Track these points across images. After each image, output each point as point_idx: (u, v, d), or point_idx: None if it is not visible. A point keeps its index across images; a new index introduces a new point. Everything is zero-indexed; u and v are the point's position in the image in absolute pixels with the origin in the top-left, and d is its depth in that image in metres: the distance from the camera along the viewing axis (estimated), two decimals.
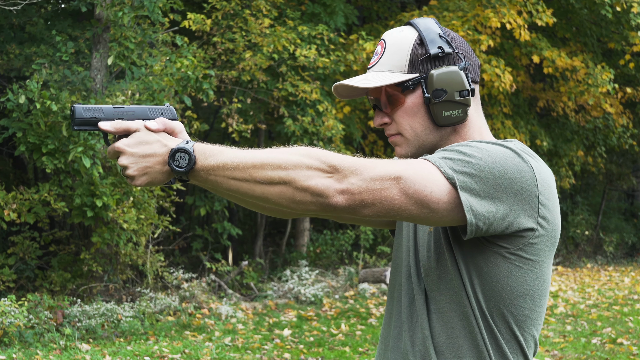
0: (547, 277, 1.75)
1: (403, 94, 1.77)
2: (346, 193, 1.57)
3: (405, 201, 1.59)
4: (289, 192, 1.57)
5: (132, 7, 8.72)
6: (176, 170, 1.60)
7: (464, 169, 1.61)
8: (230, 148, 1.61)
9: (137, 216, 8.94)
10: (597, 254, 17.63)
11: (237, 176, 1.58)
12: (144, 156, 1.63)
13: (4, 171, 11.27)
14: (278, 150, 1.60)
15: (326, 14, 11.72)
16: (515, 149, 1.68)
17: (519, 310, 1.72)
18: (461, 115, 1.75)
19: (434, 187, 1.60)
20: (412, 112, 1.77)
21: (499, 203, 1.63)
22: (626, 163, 19.62)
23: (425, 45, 1.76)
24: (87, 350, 7.41)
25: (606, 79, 12.81)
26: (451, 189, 1.61)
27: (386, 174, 1.58)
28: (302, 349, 7.87)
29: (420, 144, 1.78)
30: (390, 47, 1.79)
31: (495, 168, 1.62)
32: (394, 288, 1.89)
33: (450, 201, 1.61)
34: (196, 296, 9.55)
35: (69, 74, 8.74)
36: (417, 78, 1.75)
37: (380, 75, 1.77)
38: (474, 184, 1.61)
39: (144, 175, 1.63)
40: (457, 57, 1.77)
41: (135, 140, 1.64)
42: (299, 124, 10.65)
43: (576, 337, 8.62)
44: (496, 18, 11.14)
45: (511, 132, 13.41)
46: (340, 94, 1.83)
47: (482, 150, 1.64)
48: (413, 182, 1.58)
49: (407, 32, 1.79)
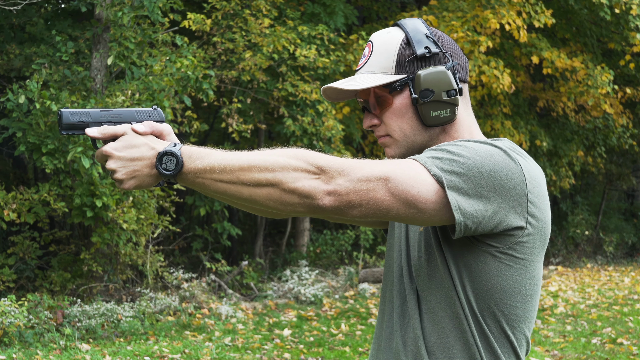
0: (537, 275, 1.75)
1: (391, 95, 1.77)
2: (333, 194, 1.57)
3: (393, 202, 1.59)
4: (276, 194, 1.57)
5: (132, 7, 8.72)
6: (164, 174, 1.61)
7: (452, 167, 1.61)
8: (218, 150, 1.62)
9: (137, 216, 8.94)
10: (597, 254, 17.63)
11: (225, 179, 1.58)
12: (132, 159, 1.63)
13: (4, 171, 11.27)
14: (266, 152, 1.60)
15: (326, 14, 11.72)
16: (503, 148, 1.67)
17: (510, 309, 1.72)
18: (449, 115, 1.75)
19: (422, 187, 1.60)
20: (401, 113, 1.77)
21: (487, 202, 1.62)
22: (626, 163, 19.62)
23: (412, 45, 1.76)
24: (87, 350, 7.41)
25: (606, 80, 12.81)
26: (439, 189, 1.61)
27: (373, 174, 1.58)
28: (302, 349, 7.87)
29: (410, 145, 1.79)
30: (378, 48, 1.79)
31: (483, 167, 1.62)
32: (386, 288, 1.89)
33: (438, 201, 1.61)
34: (196, 296, 9.55)
35: (69, 74, 8.74)
36: (404, 79, 1.75)
37: (368, 77, 1.77)
38: (462, 182, 1.61)
39: (132, 178, 1.63)
40: (444, 57, 1.77)
41: (122, 143, 1.64)
42: (298, 124, 10.65)
43: (576, 337, 8.62)
44: (495, 19, 11.14)
45: (511, 133, 13.41)
46: (329, 97, 1.84)
47: (470, 149, 1.64)
48: (400, 183, 1.59)
49: (394, 33, 1.79)
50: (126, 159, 1.63)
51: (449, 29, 11.27)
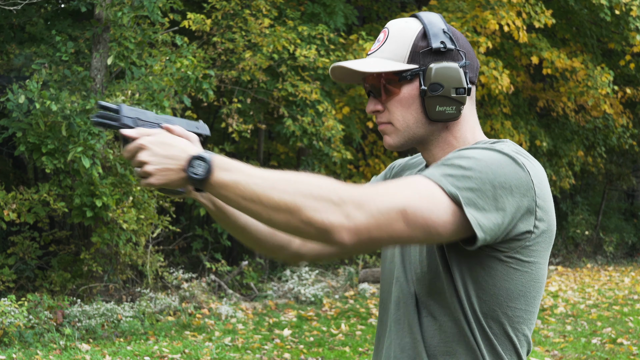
0: (542, 277, 1.74)
1: (400, 84, 1.76)
2: (352, 231, 1.55)
3: (413, 232, 1.58)
4: (294, 221, 1.56)
5: (131, 7, 8.72)
6: (192, 177, 1.60)
7: (466, 184, 1.60)
8: (249, 167, 1.60)
9: (137, 216, 8.93)
10: (597, 254, 17.63)
11: (247, 197, 1.57)
12: (166, 157, 1.63)
13: (4, 171, 11.27)
14: (291, 176, 1.58)
15: (326, 14, 11.71)
16: (510, 154, 1.66)
17: (514, 312, 1.71)
18: (454, 112, 1.74)
19: (440, 211, 1.58)
20: (407, 103, 1.76)
21: (503, 214, 1.62)
22: (626, 163, 19.63)
23: (428, 38, 1.75)
24: (87, 350, 7.41)
25: (605, 81, 12.81)
26: (456, 208, 1.60)
27: (392, 206, 1.56)
28: (302, 349, 7.87)
29: (410, 136, 1.78)
30: (393, 35, 1.78)
31: (495, 179, 1.62)
32: (383, 294, 1.89)
33: (456, 220, 1.60)
34: (196, 296, 9.55)
35: (69, 74, 8.74)
36: (416, 69, 1.74)
37: (380, 62, 1.76)
38: (478, 198, 1.60)
39: (161, 174, 1.63)
40: (458, 55, 1.76)
41: (159, 139, 1.65)
42: (298, 124, 10.65)
43: (576, 337, 8.62)
44: (495, 20, 11.14)
45: (511, 133, 13.41)
46: (336, 76, 1.82)
47: (480, 160, 1.63)
48: (420, 211, 1.57)
49: (412, 24, 1.79)
50: (161, 155, 1.63)
51: None
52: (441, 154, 1.79)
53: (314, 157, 11.45)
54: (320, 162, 11.51)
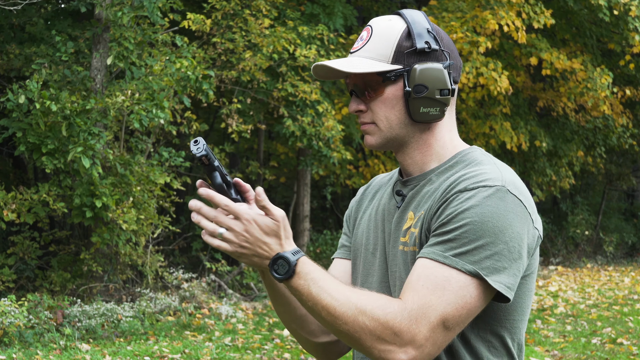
0: (533, 285, 1.76)
1: (384, 84, 1.73)
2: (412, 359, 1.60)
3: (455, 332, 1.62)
4: (354, 346, 1.63)
5: (131, 7, 8.73)
6: (274, 275, 1.62)
7: (480, 254, 1.59)
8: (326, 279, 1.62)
9: (136, 216, 8.93)
10: (597, 254, 17.63)
11: (314, 310, 1.62)
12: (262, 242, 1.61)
13: (4, 171, 11.28)
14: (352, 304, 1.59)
15: (325, 14, 11.71)
16: (502, 187, 1.63)
17: (512, 324, 1.72)
18: (438, 113, 1.72)
19: (467, 299, 1.59)
20: (390, 104, 1.73)
21: (520, 260, 1.63)
22: (626, 163, 19.63)
23: (412, 38, 1.72)
24: (87, 350, 7.41)
25: (605, 82, 12.81)
26: (478, 282, 1.60)
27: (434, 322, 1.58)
28: (302, 349, 7.87)
29: (392, 137, 1.75)
30: (377, 34, 1.74)
31: (504, 235, 1.61)
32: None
33: (481, 294, 1.61)
34: (196, 296, 9.55)
35: (69, 74, 8.74)
36: (401, 70, 1.71)
37: (364, 62, 1.73)
38: (496, 262, 1.60)
39: (243, 250, 1.62)
40: (442, 55, 1.73)
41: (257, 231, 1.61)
42: (298, 124, 10.65)
43: (576, 337, 8.62)
44: (494, 20, 11.14)
45: (510, 134, 13.42)
46: (318, 74, 1.79)
47: (484, 223, 1.60)
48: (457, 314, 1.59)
49: (396, 22, 1.75)
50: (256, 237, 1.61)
51: (448, 29, 11.28)
52: (420, 157, 1.76)
53: (313, 157, 11.46)
54: (319, 163, 11.51)
